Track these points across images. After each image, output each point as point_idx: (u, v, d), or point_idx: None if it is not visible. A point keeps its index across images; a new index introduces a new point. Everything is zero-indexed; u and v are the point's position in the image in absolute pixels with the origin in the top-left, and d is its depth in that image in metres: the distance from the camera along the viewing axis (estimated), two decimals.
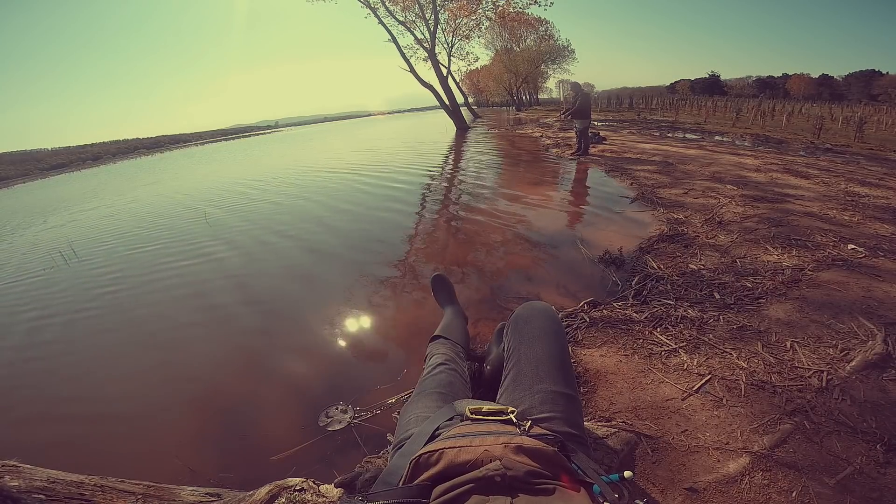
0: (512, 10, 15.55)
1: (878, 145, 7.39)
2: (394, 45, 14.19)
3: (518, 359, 0.91)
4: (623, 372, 1.50)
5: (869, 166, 5.23)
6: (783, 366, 1.45)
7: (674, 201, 3.70)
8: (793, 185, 4.05)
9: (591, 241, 3.01)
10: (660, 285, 2.17)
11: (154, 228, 5.06)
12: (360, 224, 4.13)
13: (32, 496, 0.90)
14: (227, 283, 3.03)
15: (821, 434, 1.16)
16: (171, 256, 3.80)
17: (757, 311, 1.81)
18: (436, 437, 0.68)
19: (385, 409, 1.55)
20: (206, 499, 1.08)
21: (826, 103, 30.31)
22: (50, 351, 2.36)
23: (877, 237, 2.56)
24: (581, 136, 6.77)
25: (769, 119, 13.14)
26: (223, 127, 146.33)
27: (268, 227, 4.39)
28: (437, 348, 1.25)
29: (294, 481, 1.07)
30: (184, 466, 1.40)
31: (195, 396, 1.81)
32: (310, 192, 6.13)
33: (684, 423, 1.24)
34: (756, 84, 61.73)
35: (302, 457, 1.39)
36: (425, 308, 2.27)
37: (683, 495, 1.03)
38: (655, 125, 12.05)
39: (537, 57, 30.43)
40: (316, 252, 3.44)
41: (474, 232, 3.53)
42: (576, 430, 0.77)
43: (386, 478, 0.65)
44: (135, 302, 2.89)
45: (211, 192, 7.45)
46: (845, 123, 11.47)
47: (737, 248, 2.55)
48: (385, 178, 6.64)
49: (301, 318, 2.37)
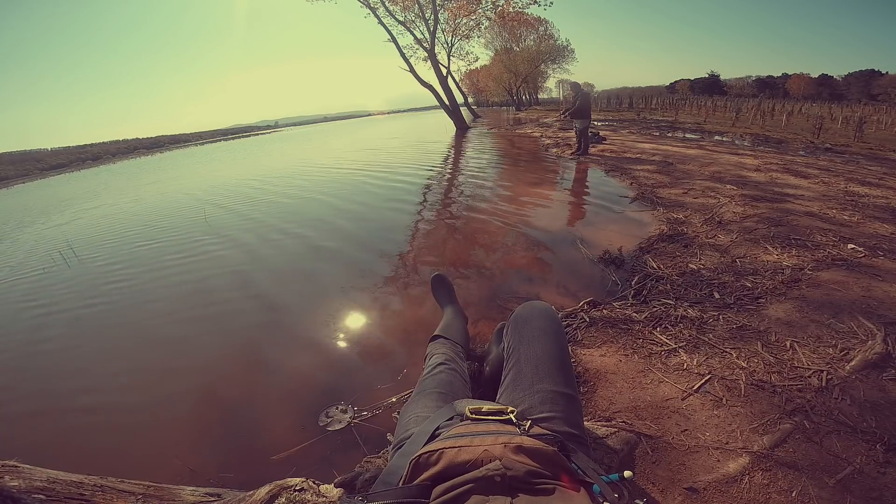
0: (511, 9, 15.55)
1: (877, 145, 7.40)
2: (393, 44, 14.19)
3: (518, 358, 0.91)
4: (623, 372, 1.50)
5: (868, 166, 5.23)
6: (783, 365, 1.45)
7: (673, 201, 3.70)
8: (792, 185, 4.05)
9: (590, 240, 3.01)
10: (659, 285, 2.17)
11: (157, 228, 5.06)
12: (360, 223, 4.13)
13: (32, 496, 0.90)
14: (228, 279, 3.03)
15: (821, 434, 1.16)
16: (174, 254, 3.81)
17: (757, 311, 1.81)
18: (436, 437, 0.68)
19: (385, 409, 1.55)
20: (206, 499, 1.08)
21: (826, 103, 30.33)
22: (53, 346, 2.38)
23: (876, 237, 2.56)
24: (581, 136, 6.77)
25: (769, 119, 13.15)
26: (223, 127, 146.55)
27: (270, 226, 4.40)
28: (436, 348, 1.25)
29: (294, 481, 1.07)
30: (184, 466, 1.40)
31: (195, 397, 1.81)
32: (312, 192, 6.12)
33: (684, 423, 1.24)
34: (756, 84, 61.74)
35: (302, 457, 1.39)
36: (425, 308, 2.27)
37: (683, 495, 1.03)
38: (655, 125, 12.05)
39: (537, 57, 30.44)
40: (317, 250, 3.45)
41: (474, 231, 3.53)
42: (576, 429, 0.77)
43: (386, 478, 0.65)
44: (134, 299, 2.89)
45: (214, 191, 7.46)
46: (845, 123, 11.48)
47: (736, 248, 2.55)
48: (385, 177, 6.63)
49: (301, 318, 2.37)
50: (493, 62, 32.80)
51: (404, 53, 14.32)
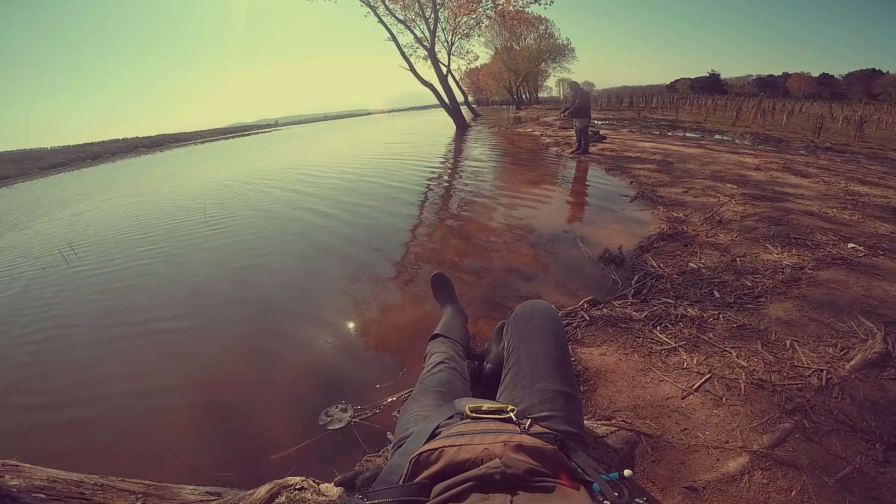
0: (512, 8, 15.52)
1: (878, 144, 7.39)
2: (393, 43, 14.16)
3: (518, 357, 0.91)
4: (623, 370, 1.50)
5: (869, 165, 5.23)
6: (783, 364, 1.45)
7: (674, 200, 3.69)
8: (793, 184, 4.05)
9: (590, 239, 3.01)
10: (660, 284, 2.17)
11: (150, 227, 5.06)
12: (359, 222, 4.12)
13: (33, 495, 0.90)
14: (229, 277, 3.03)
15: (820, 433, 1.16)
16: (169, 250, 3.81)
17: (757, 310, 1.81)
18: (436, 436, 0.68)
19: (385, 408, 1.55)
20: (207, 497, 1.08)
21: (826, 102, 30.27)
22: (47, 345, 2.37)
23: (877, 236, 2.56)
24: (581, 135, 6.76)
25: (769, 118, 13.13)
26: (223, 125, 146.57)
27: (272, 223, 4.40)
28: (436, 347, 1.25)
29: (294, 480, 1.07)
30: (184, 465, 1.40)
31: (195, 396, 1.81)
32: (315, 191, 6.12)
33: (684, 422, 1.25)
34: (756, 83, 61.67)
35: (302, 455, 1.39)
36: (425, 306, 2.27)
37: (683, 494, 1.03)
38: (655, 124, 12.04)
39: (537, 55, 30.39)
40: (318, 248, 3.44)
41: (474, 230, 3.53)
42: (576, 428, 0.77)
43: (386, 476, 0.65)
44: (134, 297, 2.89)
45: (217, 190, 7.48)
46: (845, 122, 11.47)
47: (737, 247, 2.54)
48: (385, 176, 6.63)
49: (301, 316, 2.37)
50: (494, 61, 32.76)
51: (404, 52, 14.30)
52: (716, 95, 38.02)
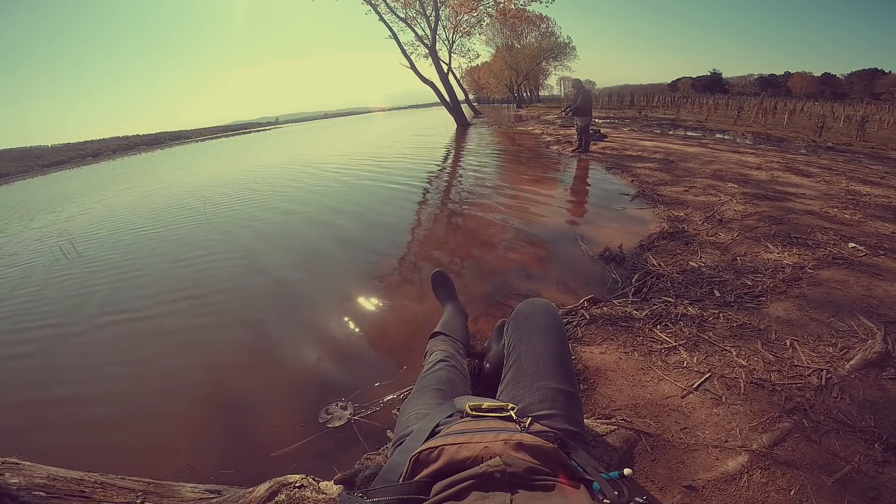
0: (513, 6, 15.49)
1: (879, 144, 7.38)
2: (394, 41, 14.13)
3: (518, 356, 0.91)
4: (623, 369, 1.50)
5: (870, 165, 5.22)
6: (783, 364, 1.45)
7: (674, 199, 3.69)
8: (794, 184, 4.04)
9: (591, 237, 3.00)
10: (660, 283, 2.16)
11: (151, 226, 5.06)
12: (359, 221, 4.12)
13: (33, 493, 0.90)
14: (229, 274, 3.03)
15: (820, 432, 1.16)
16: (168, 250, 3.81)
17: (757, 310, 1.81)
18: (436, 434, 0.68)
19: (385, 406, 1.55)
20: (207, 495, 1.09)
21: (828, 102, 30.22)
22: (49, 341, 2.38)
23: (878, 236, 2.56)
24: (582, 134, 6.75)
25: (771, 117, 13.11)
26: (223, 123, 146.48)
27: (271, 220, 4.40)
28: (436, 345, 1.25)
29: (294, 478, 1.07)
30: (184, 463, 1.40)
31: (195, 394, 1.82)
32: (316, 191, 6.12)
33: (684, 421, 1.25)
34: (758, 82, 61.54)
35: (302, 453, 1.40)
36: (425, 304, 2.27)
37: (682, 493, 1.04)
38: (656, 123, 12.02)
39: (538, 54, 30.34)
40: (318, 247, 3.44)
41: (474, 228, 3.53)
42: (576, 427, 0.77)
43: (386, 474, 0.65)
44: (132, 295, 2.89)
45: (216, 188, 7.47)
46: (847, 122, 11.45)
47: (737, 246, 2.54)
48: (384, 175, 6.62)
49: (301, 315, 2.37)
50: (495, 59, 32.71)
51: (405, 50, 14.27)
52: (717, 94, 37.97)
